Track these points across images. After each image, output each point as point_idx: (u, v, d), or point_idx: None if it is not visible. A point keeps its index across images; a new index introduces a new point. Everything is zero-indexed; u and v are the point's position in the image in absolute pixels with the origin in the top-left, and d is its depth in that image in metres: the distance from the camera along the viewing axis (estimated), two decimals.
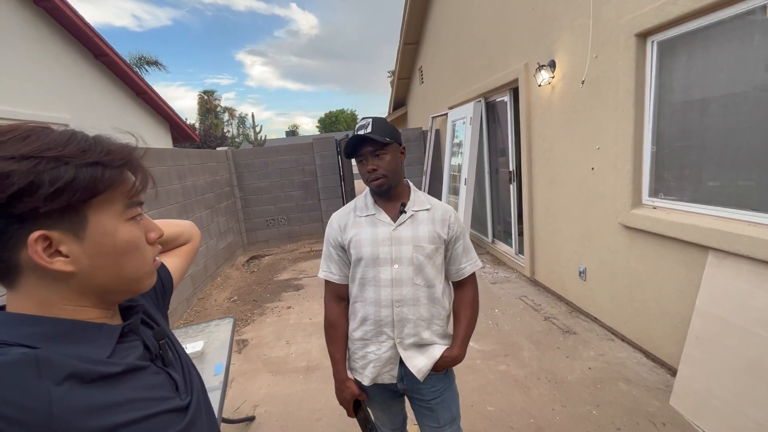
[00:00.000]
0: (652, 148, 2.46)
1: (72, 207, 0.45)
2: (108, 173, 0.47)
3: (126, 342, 0.54)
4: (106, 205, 0.48)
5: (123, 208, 0.50)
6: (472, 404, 2.28)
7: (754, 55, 1.87)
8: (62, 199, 0.44)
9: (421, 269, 1.23)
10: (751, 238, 1.82)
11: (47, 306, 0.48)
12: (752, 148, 1.93)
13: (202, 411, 0.60)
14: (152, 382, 0.53)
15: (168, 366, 0.58)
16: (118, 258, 0.50)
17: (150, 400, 0.50)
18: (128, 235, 0.51)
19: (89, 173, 0.45)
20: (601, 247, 2.94)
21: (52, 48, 5.23)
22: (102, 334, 0.51)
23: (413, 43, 8.31)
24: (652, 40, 2.34)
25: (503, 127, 4.62)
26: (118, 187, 0.49)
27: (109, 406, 0.45)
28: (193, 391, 0.59)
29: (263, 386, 2.66)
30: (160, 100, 7.67)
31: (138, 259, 0.53)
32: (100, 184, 0.47)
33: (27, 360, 0.41)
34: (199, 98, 30.33)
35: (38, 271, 0.46)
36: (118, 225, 0.50)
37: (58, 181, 0.43)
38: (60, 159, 0.44)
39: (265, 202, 6.64)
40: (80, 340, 0.48)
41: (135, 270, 0.53)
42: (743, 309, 1.85)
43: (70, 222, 0.46)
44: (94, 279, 0.49)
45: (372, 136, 1.16)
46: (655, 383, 2.33)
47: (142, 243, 0.53)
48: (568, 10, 3.00)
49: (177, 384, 0.57)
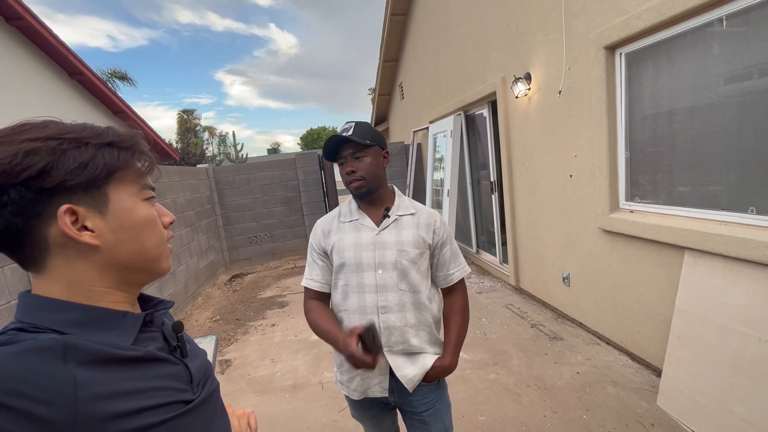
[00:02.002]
0: (626, 155, 2.55)
1: (94, 184, 0.49)
2: (122, 153, 0.52)
3: (147, 332, 0.56)
4: (124, 184, 0.53)
5: (138, 188, 0.55)
6: (464, 414, 2.25)
7: (714, 64, 1.98)
8: (86, 173, 0.48)
9: (405, 274, 1.21)
10: (723, 237, 1.90)
11: (76, 288, 0.50)
12: (719, 151, 2.02)
13: (214, 407, 0.62)
14: (170, 371, 0.55)
15: (185, 358, 0.60)
16: (139, 233, 0.54)
17: (167, 389, 0.52)
18: (146, 212, 0.55)
19: (106, 152, 0.50)
20: (583, 253, 3.00)
21: (25, 67, 5.12)
22: (126, 322, 0.53)
23: (393, 60, 8.50)
24: (620, 52, 2.46)
25: (483, 140, 4.72)
26: (132, 167, 0.54)
27: (130, 391, 0.47)
28: (205, 386, 0.60)
29: (248, 407, 2.54)
30: (137, 118, 7.57)
31: (157, 236, 0.57)
32: (116, 163, 0.51)
33: (55, 345, 0.44)
34: (179, 117, 30.05)
35: (66, 250, 0.49)
36: (136, 202, 0.54)
37: (81, 157, 0.48)
38: (80, 140, 0.49)
39: (247, 219, 6.53)
40: (107, 328, 0.51)
41: (155, 247, 0.56)
42: (721, 306, 1.91)
43: (94, 198, 0.50)
44: (118, 254, 0.52)
45: (351, 137, 1.15)
46: (641, 385, 2.36)
47: (158, 222, 0.57)
48: (541, 25, 3.13)
49: (192, 377, 0.58)
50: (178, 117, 30.27)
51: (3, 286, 2.19)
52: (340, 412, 2.38)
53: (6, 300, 2.20)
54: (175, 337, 0.61)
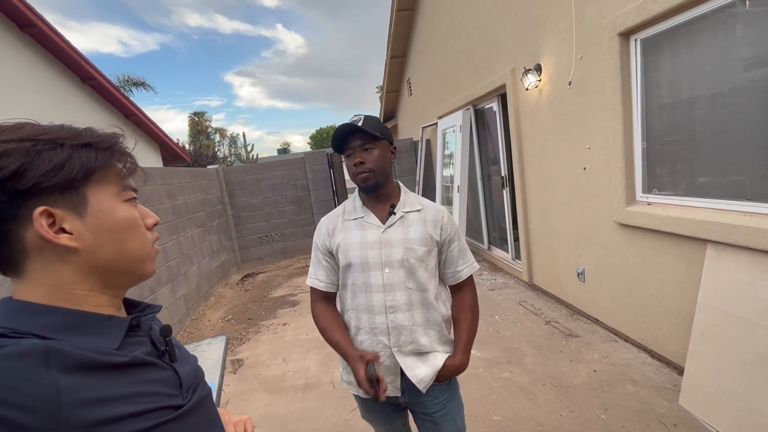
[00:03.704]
0: (642, 145, 2.46)
1: (71, 186, 0.48)
2: (100, 155, 0.51)
3: (133, 336, 0.55)
4: (103, 185, 0.52)
5: (118, 189, 0.53)
6: (477, 414, 2.20)
7: (737, 47, 1.88)
8: (62, 175, 0.47)
9: (413, 272, 1.17)
10: (749, 228, 1.81)
11: (57, 292, 0.49)
12: (742, 139, 1.93)
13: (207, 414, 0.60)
14: (158, 376, 0.53)
15: (174, 363, 0.58)
16: (120, 235, 0.53)
17: (155, 395, 0.51)
18: (126, 213, 0.54)
19: (83, 153, 0.49)
20: (598, 247, 2.91)
21: (38, 73, 5.21)
22: (111, 326, 0.52)
23: (400, 56, 8.43)
24: (635, 38, 2.37)
25: (493, 134, 4.64)
26: (111, 167, 0.52)
27: (115, 397, 0.46)
28: (196, 391, 0.58)
29: (260, 406, 2.56)
30: (149, 121, 7.65)
31: (139, 238, 0.55)
32: (94, 164, 0.50)
33: (37, 351, 0.43)
34: (190, 120, 30.42)
35: (44, 253, 0.48)
36: (116, 204, 0.53)
37: (57, 158, 0.47)
38: (55, 141, 0.48)
39: (257, 219, 6.57)
40: (90, 332, 0.50)
41: (137, 249, 0.55)
42: (746, 301, 1.82)
43: (71, 200, 0.49)
44: (98, 257, 0.51)
45: (363, 127, 1.13)
46: (662, 383, 2.28)
47: (140, 223, 0.56)
48: (550, 14, 3.04)
49: (182, 382, 0.56)
50: (189, 119, 30.65)
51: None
52: (352, 412, 2.36)
53: None
54: (164, 342, 0.60)
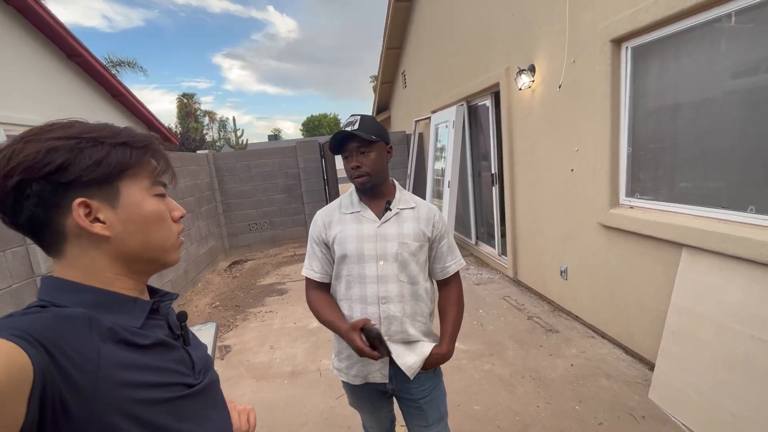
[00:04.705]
0: (628, 150, 2.54)
1: (107, 180, 0.54)
2: (134, 153, 0.56)
3: (153, 319, 0.60)
4: (135, 179, 0.57)
5: (149, 184, 0.59)
6: (459, 404, 2.29)
7: (721, 61, 1.96)
8: (100, 170, 0.52)
9: (405, 266, 1.24)
10: (721, 235, 1.90)
11: (91, 273, 0.55)
12: (721, 149, 2.02)
13: (214, 397, 0.66)
14: (175, 356, 0.59)
15: (187, 346, 0.64)
16: (146, 226, 0.58)
17: (173, 371, 0.57)
18: (154, 207, 0.58)
19: (120, 151, 0.55)
20: (582, 247, 3.01)
21: (23, 49, 5.05)
22: (136, 307, 0.58)
23: (396, 47, 8.38)
24: (627, 45, 2.43)
25: (485, 131, 4.69)
26: (143, 165, 0.58)
27: (142, 366, 0.52)
28: (206, 375, 0.64)
29: (247, 392, 2.61)
30: (138, 102, 7.49)
31: (164, 230, 0.60)
32: (129, 161, 0.56)
33: (83, 317, 0.49)
34: (178, 101, 29.75)
35: (80, 239, 0.53)
36: (146, 198, 0.58)
37: (96, 154, 0.52)
38: (97, 139, 0.53)
39: (247, 206, 6.54)
40: (117, 310, 0.55)
41: (161, 239, 0.60)
42: (717, 303, 1.93)
43: (107, 193, 0.54)
44: (127, 245, 0.56)
45: (358, 133, 1.17)
46: (634, 378, 2.40)
47: (166, 216, 0.61)
48: (547, 16, 3.08)
49: (194, 364, 0.62)
50: (178, 101, 29.96)
51: (5, 269, 2.20)
52: (338, 399, 2.42)
53: (8, 284, 2.21)
54: (179, 326, 0.66)
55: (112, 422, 0.46)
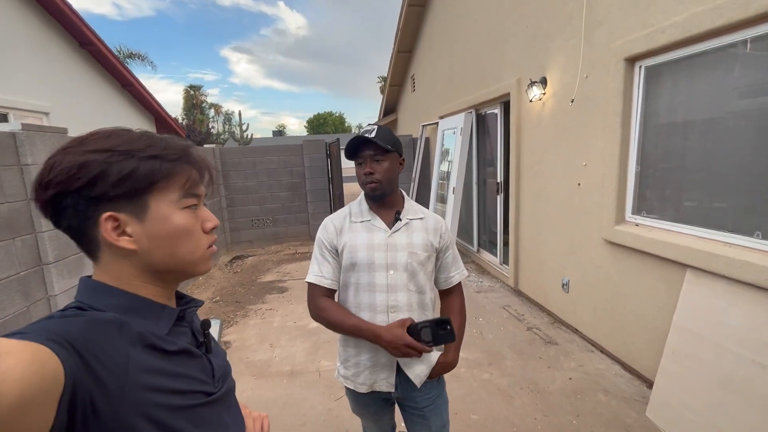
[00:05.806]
0: (636, 168, 2.56)
1: (136, 193, 0.54)
2: (165, 165, 0.56)
3: (179, 326, 0.61)
4: (165, 193, 0.56)
5: (179, 197, 0.58)
6: (456, 412, 2.30)
7: (734, 85, 1.98)
8: (128, 184, 0.53)
9: (414, 275, 1.26)
10: (727, 259, 1.92)
11: (120, 280, 0.56)
12: (729, 173, 2.03)
13: (230, 404, 0.67)
14: (197, 364, 0.60)
15: (209, 353, 0.65)
16: (173, 241, 0.58)
17: (194, 379, 0.58)
18: (182, 221, 0.58)
19: (149, 164, 0.54)
20: (585, 261, 3.03)
21: (36, 33, 5.07)
22: (163, 314, 0.59)
23: (407, 51, 8.41)
24: (640, 65, 2.45)
25: (493, 139, 4.71)
26: (175, 177, 0.57)
27: (166, 372, 0.54)
28: (224, 382, 0.65)
29: (246, 389, 2.62)
30: (147, 93, 7.50)
31: (191, 244, 0.60)
32: (158, 174, 0.55)
33: (116, 321, 0.50)
34: (185, 93, 29.80)
35: (111, 248, 0.55)
36: (174, 212, 0.57)
37: (126, 169, 0.52)
38: (128, 153, 0.53)
39: (251, 202, 6.56)
40: (146, 316, 0.57)
41: (188, 253, 0.59)
42: (718, 325, 1.94)
43: (135, 207, 0.54)
44: (153, 258, 0.57)
45: (375, 140, 1.19)
46: (632, 395, 2.41)
47: (195, 230, 0.60)
48: (561, 30, 3.10)
49: (214, 372, 0.63)
50: (184, 92, 30.02)
51: (13, 257, 2.22)
52: (336, 401, 2.44)
53: (16, 271, 2.23)
54: (203, 334, 0.67)
55: (134, 424, 0.47)
